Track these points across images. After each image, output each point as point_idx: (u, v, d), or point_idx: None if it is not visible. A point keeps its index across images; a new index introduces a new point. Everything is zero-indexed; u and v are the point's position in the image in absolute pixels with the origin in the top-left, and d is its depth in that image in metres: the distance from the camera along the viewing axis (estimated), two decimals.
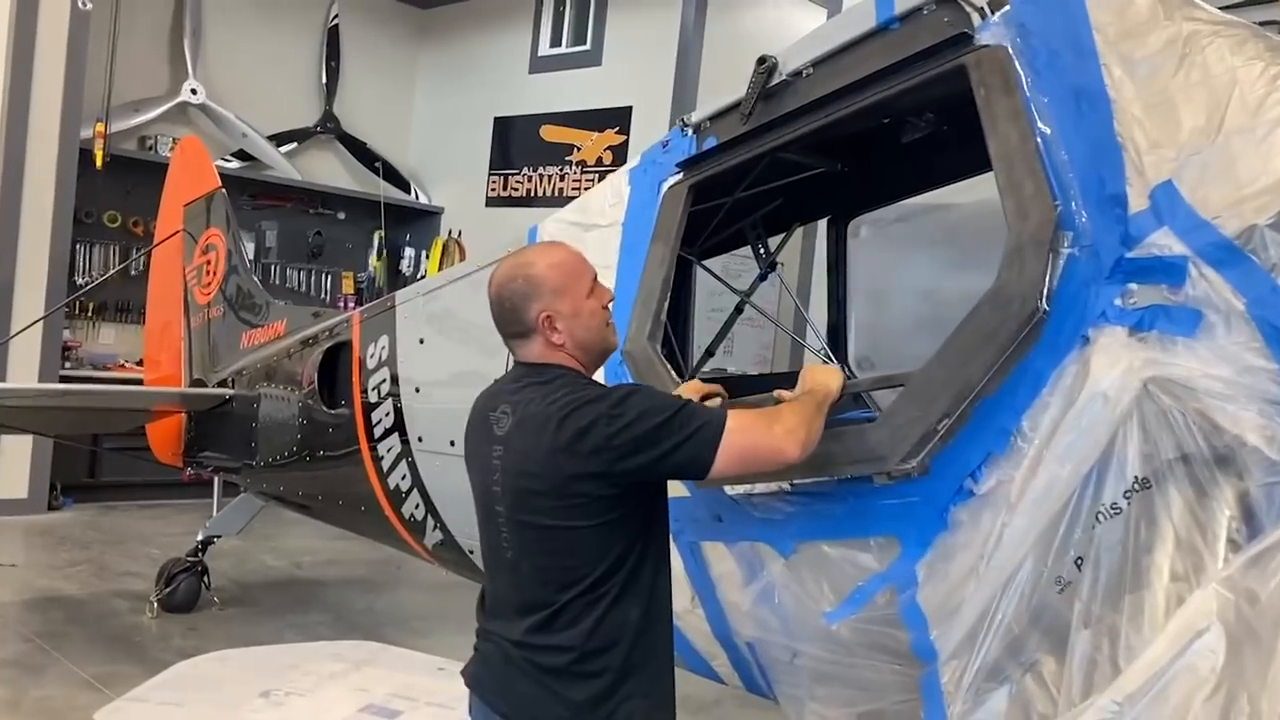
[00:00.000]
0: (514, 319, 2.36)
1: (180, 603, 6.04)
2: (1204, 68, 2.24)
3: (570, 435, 2.18)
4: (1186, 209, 2.14)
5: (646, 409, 2.18)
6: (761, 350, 8.17)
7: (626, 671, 2.25)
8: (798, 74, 2.93)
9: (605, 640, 2.23)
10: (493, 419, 2.37)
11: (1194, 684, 1.85)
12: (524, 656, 2.28)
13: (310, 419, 5.04)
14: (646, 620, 2.28)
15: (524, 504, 2.28)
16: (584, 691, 2.23)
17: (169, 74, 9.43)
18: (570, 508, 2.21)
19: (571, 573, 2.23)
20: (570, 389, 2.27)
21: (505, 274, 2.39)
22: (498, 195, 10.03)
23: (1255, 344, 2.03)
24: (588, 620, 2.22)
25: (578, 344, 2.35)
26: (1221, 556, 1.99)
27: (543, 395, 2.28)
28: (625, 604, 2.24)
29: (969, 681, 2.24)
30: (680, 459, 2.19)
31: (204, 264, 6.54)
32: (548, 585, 2.26)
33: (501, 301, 2.37)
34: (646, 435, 2.16)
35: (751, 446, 2.22)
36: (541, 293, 2.32)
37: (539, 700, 2.26)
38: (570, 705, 2.23)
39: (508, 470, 2.31)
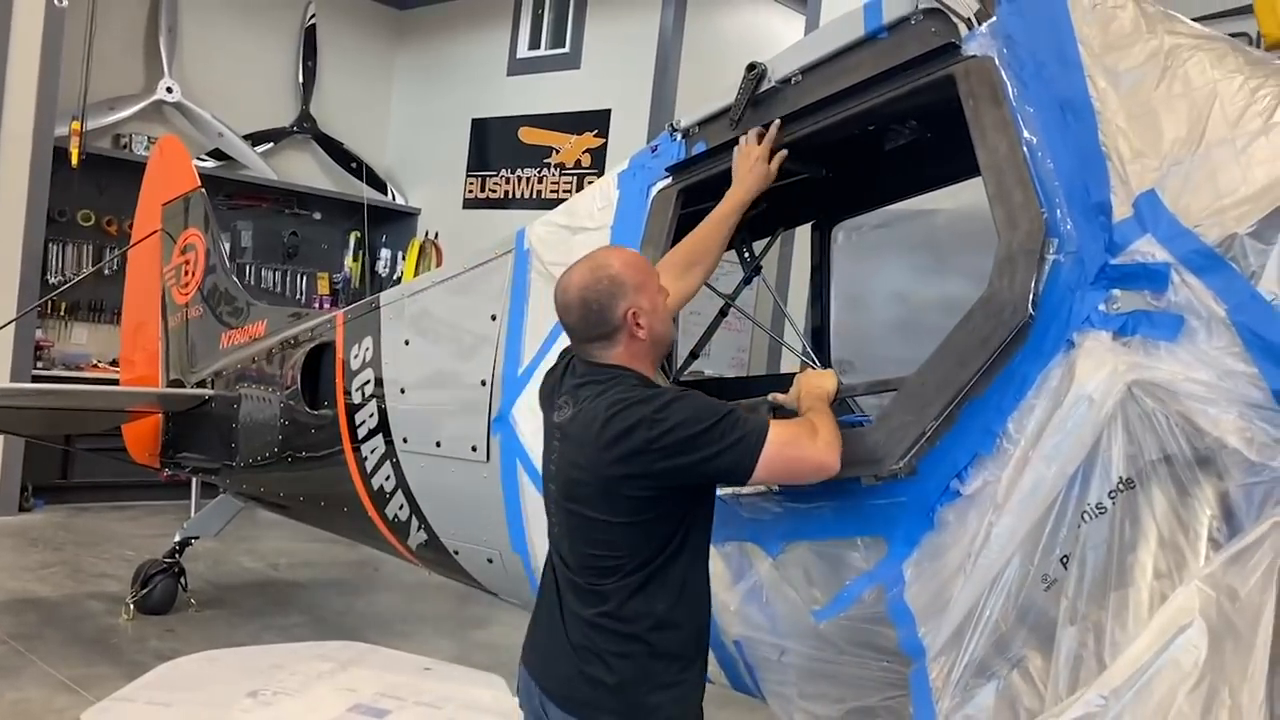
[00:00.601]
0: (601, 320, 2.39)
1: (156, 604, 6.00)
2: (1186, 80, 2.31)
3: (613, 436, 2.26)
4: (1169, 217, 2.21)
5: (690, 415, 2.24)
6: (738, 353, 8.23)
7: (652, 661, 2.32)
8: (787, 81, 2.98)
9: (632, 628, 2.31)
10: (557, 404, 2.48)
11: (1177, 678, 1.90)
12: (563, 633, 2.38)
13: (292, 420, 5.03)
14: (674, 614, 2.34)
15: (570, 493, 2.38)
16: (610, 675, 2.31)
17: (144, 72, 9.36)
18: (610, 504, 2.30)
19: (605, 561, 2.33)
20: (621, 389, 2.34)
21: (585, 278, 2.41)
22: (475, 197, 10.02)
23: (1235, 349, 2.10)
24: (616, 607, 2.31)
25: (655, 338, 2.43)
26: (1203, 554, 2.05)
27: (595, 393, 2.36)
28: (651, 595, 2.32)
29: (957, 678, 2.28)
30: (721, 465, 2.26)
31: (183, 264, 6.50)
32: (585, 570, 2.37)
33: (587, 304, 2.39)
34: (687, 441, 2.22)
35: (795, 458, 2.31)
36: (626, 290, 2.38)
37: (571, 679, 2.35)
38: (597, 685, 2.31)
39: (561, 458, 2.41)
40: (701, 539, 2.44)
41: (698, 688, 2.42)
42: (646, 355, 2.44)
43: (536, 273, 3.63)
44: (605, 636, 2.32)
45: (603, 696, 2.31)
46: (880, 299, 4.93)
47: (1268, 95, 2.26)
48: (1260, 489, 2.06)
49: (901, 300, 4.97)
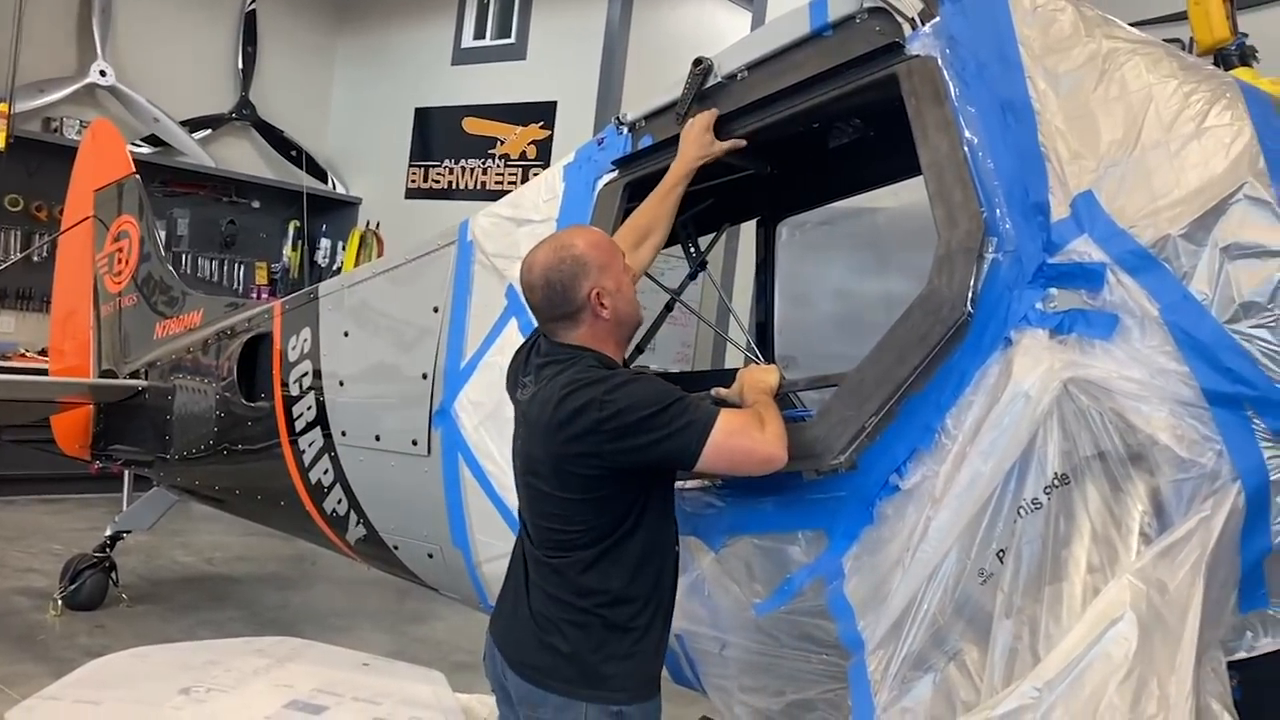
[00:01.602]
0: (564, 299, 2.40)
1: (86, 600, 5.86)
2: (1122, 83, 2.36)
3: (564, 415, 2.29)
4: (1105, 218, 2.25)
5: (639, 399, 2.27)
6: (683, 348, 8.24)
7: (607, 633, 2.35)
8: (733, 76, 2.98)
9: (586, 602, 2.35)
10: (521, 383, 2.53)
11: (1108, 670, 1.95)
12: (526, 603, 2.42)
13: (228, 412, 4.94)
14: (629, 590, 2.37)
15: (529, 468, 2.45)
16: (566, 644, 2.34)
17: (76, 54, 9.11)
18: (561, 481, 2.34)
19: (560, 535, 2.38)
20: (577, 370, 2.37)
21: (548, 258, 2.43)
22: (418, 187, 9.92)
23: (1168, 348, 2.15)
24: (572, 580, 2.35)
25: (620, 319, 2.46)
26: (1134, 549, 2.10)
27: (554, 372, 2.40)
28: (605, 572, 2.35)
29: (895, 670, 2.31)
30: (668, 449, 2.28)
31: (116, 251, 6.34)
32: (544, 544, 2.41)
33: (551, 284, 2.41)
34: (635, 423, 2.25)
35: (741, 448, 2.32)
36: (590, 270, 2.40)
37: (530, 647, 2.39)
38: (554, 654, 2.35)
39: (521, 434, 2.49)
40: (657, 518, 2.45)
41: (654, 659, 2.44)
42: (611, 335, 2.47)
43: (480, 265, 3.60)
44: (562, 608, 2.36)
45: (558, 664, 2.35)
46: (823, 295, 4.98)
47: (1200, 100, 2.31)
48: (1189, 485, 2.12)
49: (843, 297, 5.03)
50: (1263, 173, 2.17)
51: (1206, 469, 2.10)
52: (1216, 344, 2.12)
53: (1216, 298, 2.14)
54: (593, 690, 2.33)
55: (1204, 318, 2.13)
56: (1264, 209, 2.14)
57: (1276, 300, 2.10)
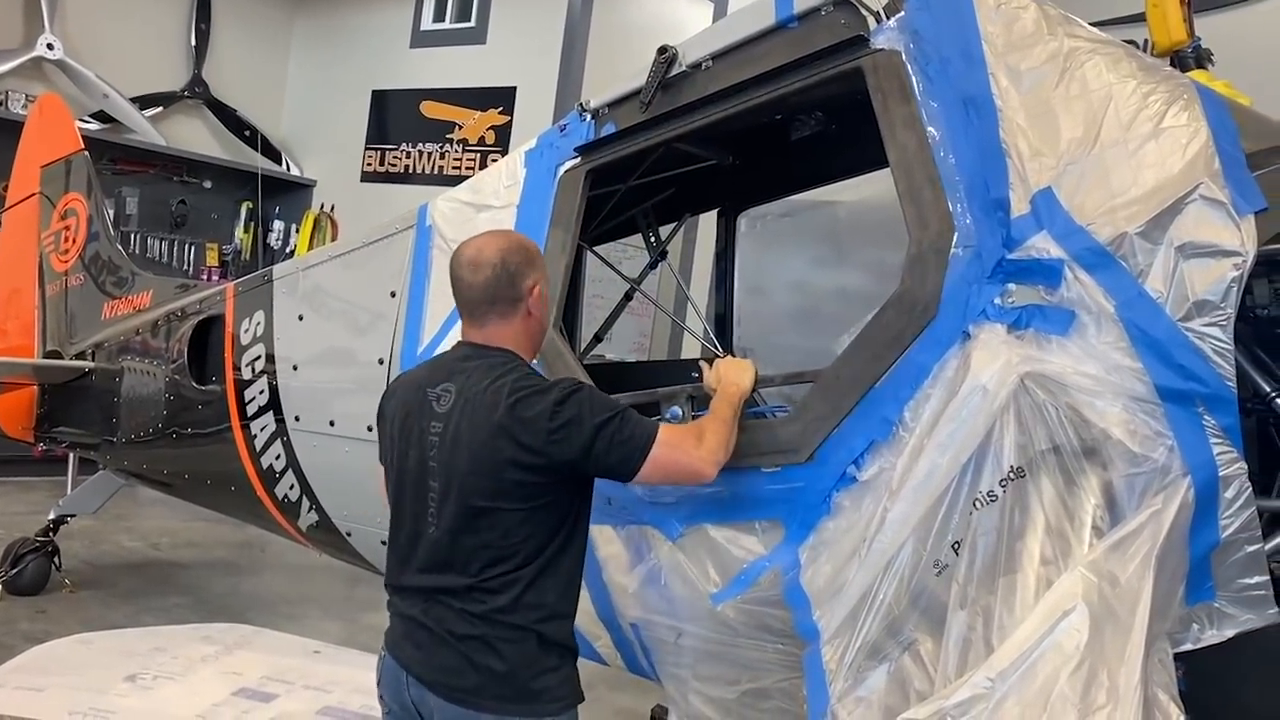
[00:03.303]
0: (511, 285, 2.38)
1: (28, 585, 5.76)
2: (1083, 82, 2.38)
3: (513, 422, 2.24)
4: (1064, 215, 2.28)
5: (588, 409, 2.27)
6: (640, 338, 8.24)
7: (541, 649, 2.31)
8: (697, 66, 2.97)
9: (524, 619, 2.29)
10: (432, 395, 2.40)
11: (1060, 661, 1.97)
12: (444, 626, 2.32)
13: (178, 395, 4.86)
14: (561, 604, 2.36)
15: (460, 482, 2.31)
16: (501, 663, 2.28)
17: (23, 26, 8.90)
18: (502, 491, 2.27)
19: (496, 551, 2.29)
20: (518, 375, 2.33)
21: (504, 242, 2.43)
22: (374, 170, 9.81)
23: (1122, 344, 2.18)
24: (509, 600, 2.28)
25: (541, 327, 2.47)
26: (1087, 542, 2.13)
27: (490, 378, 2.32)
28: (542, 588, 2.31)
29: (850, 660, 2.33)
30: (610, 461, 2.29)
31: (63, 229, 6.21)
32: (472, 561, 2.31)
33: (505, 265, 2.37)
34: (584, 434, 2.25)
35: (674, 463, 2.34)
36: (537, 265, 2.42)
37: (458, 669, 2.30)
38: (485, 673, 2.28)
39: (446, 447, 2.33)
40: (584, 530, 2.45)
41: (575, 666, 2.44)
42: (529, 341, 2.46)
43: (439, 250, 3.56)
44: (496, 628, 2.29)
45: (490, 683, 2.29)
46: (782, 288, 4.99)
47: (1158, 100, 2.34)
48: (1141, 479, 2.15)
49: (802, 290, 5.04)
50: (1218, 173, 2.21)
51: (1158, 464, 2.14)
52: (1170, 341, 2.15)
53: (1171, 295, 2.16)
54: (526, 705, 2.29)
55: (1158, 315, 2.16)
56: (1218, 209, 2.18)
57: (1229, 299, 2.13)
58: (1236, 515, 2.15)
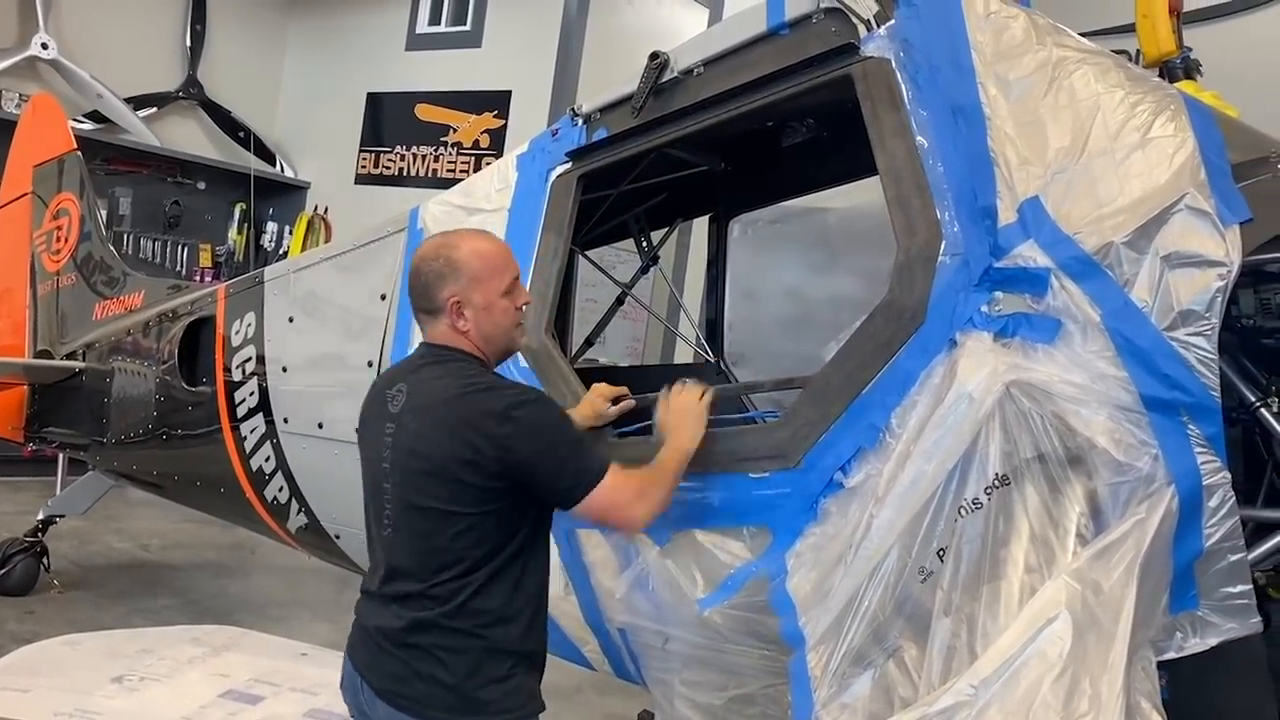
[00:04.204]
0: (424, 295, 2.37)
1: (16, 585, 5.74)
2: (1071, 92, 2.39)
3: (462, 423, 2.22)
4: (1051, 224, 2.29)
5: (542, 425, 2.25)
6: (632, 342, 8.25)
7: (486, 656, 2.27)
8: (689, 72, 2.98)
9: (468, 624, 2.25)
10: (389, 396, 2.39)
11: (1043, 668, 1.98)
12: (393, 632, 2.29)
13: (168, 396, 4.86)
14: (508, 609, 2.30)
15: (410, 483, 2.29)
16: (445, 672, 2.25)
17: (17, 25, 8.89)
18: (452, 493, 2.24)
19: (445, 555, 2.26)
20: (471, 376, 2.31)
21: (429, 250, 2.41)
22: (368, 173, 9.81)
23: (1108, 353, 2.19)
24: (453, 603, 2.25)
25: (483, 336, 2.38)
26: (1071, 550, 2.14)
27: (441, 379, 2.31)
28: (489, 593, 2.27)
29: (835, 666, 2.33)
30: (555, 484, 2.27)
31: (55, 229, 6.21)
32: (423, 566, 2.28)
33: (417, 274, 2.38)
34: (535, 449, 2.22)
35: (613, 507, 2.32)
36: (458, 277, 2.34)
37: (403, 676, 2.28)
38: (430, 682, 2.25)
39: (399, 448, 2.32)
40: (541, 542, 2.39)
41: (532, 675, 2.38)
42: (475, 347, 2.39)
43: None
44: (441, 634, 2.25)
45: (436, 693, 2.25)
46: (773, 293, 4.99)
47: (1145, 111, 2.36)
48: (1125, 488, 2.16)
49: (793, 295, 5.05)
50: (1204, 184, 2.22)
51: (1142, 473, 2.14)
52: (1155, 350, 2.16)
53: (1156, 305, 2.17)
54: (474, 716, 2.26)
55: (1144, 325, 2.17)
56: (1204, 220, 2.19)
57: (1213, 309, 2.14)
58: (1220, 524, 2.15)
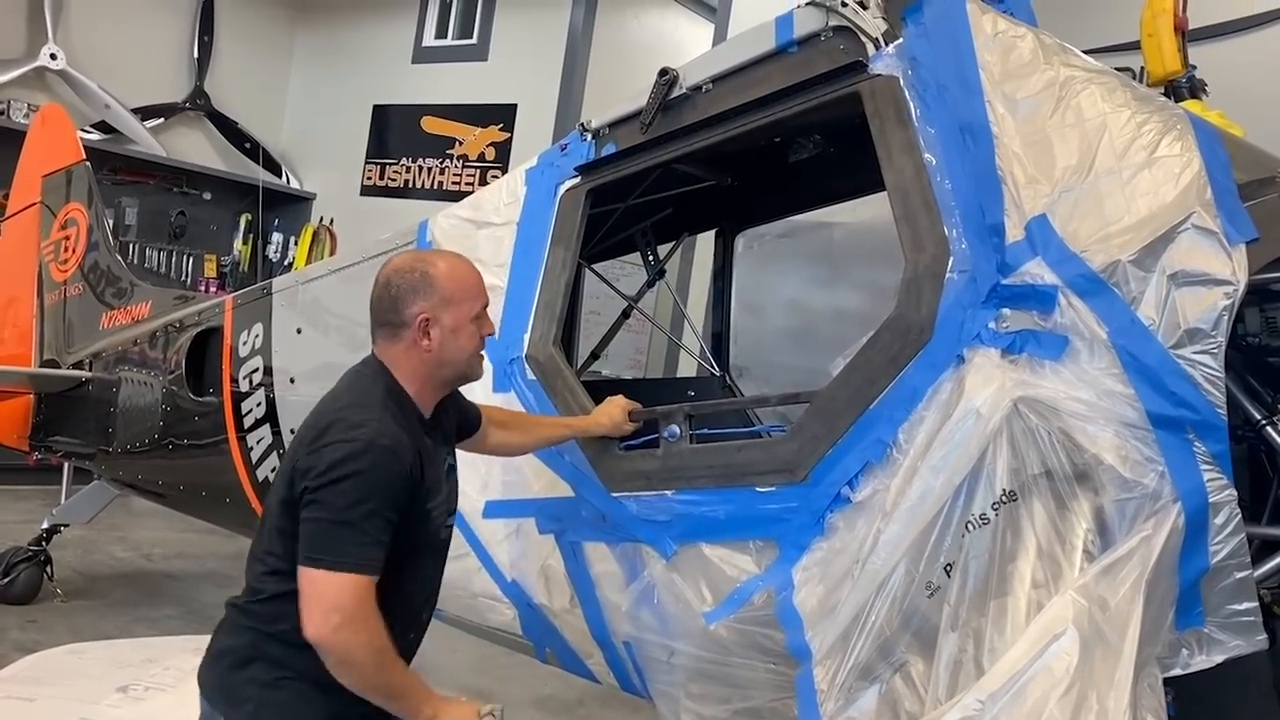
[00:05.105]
0: (392, 308, 2.31)
1: (19, 594, 5.72)
2: (1078, 111, 2.41)
3: (307, 437, 2.23)
4: (1058, 242, 2.30)
5: (344, 490, 2.13)
6: (636, 355, 8.26)
7: (283, 661, 2.25)
8: (697, 88, 3.00)
9: (278, 628, 2.23)
10: None
11: (1050, 684, 1.99)
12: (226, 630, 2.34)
13: (175, 406, 4.87)
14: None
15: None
16: (249, 672, 2.27)
17: (26, 36, 8.92)
18: (282, 497, 2.24)
19: (269, 561, 2.27)
20: (348, 398, 2.29)
21: (404, 263, 2.36)
22: (374, 184, 9.84)
23: (1115, 370, 2.20)
24: (272, 606, 2.25)
25: (442, 359, 2.33)
26: (1078, 566, 2.15)
27: (334, 397, 2.33)
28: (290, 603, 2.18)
29: (841, 681, 2.34)
30: (311, 537, 2.14)
31: (63, 239, 6.23)
32: (255, 567, 2.31)
33: (388, 286, 2.32)
34: (316, 498, 2.14)
35: (321, 606, 2.11)
36: (432, 295, 2.29)
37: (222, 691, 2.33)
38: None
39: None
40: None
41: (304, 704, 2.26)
42: (424, 370, 2.33)
43: None
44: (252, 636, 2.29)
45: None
46: (778, 307, 5.02)
47: (1152, 130, 2.37)
48: (1132, 504, 2.17)
49: (798, 309, 5.07)
50: (1210, 203, 2.23)
51: (1149, 489, 2.15)
52: (1162, 368, 2.17)
53: (1163, 323, 2.19)
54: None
55: (1150, 342, 2.18)
56: (1210, 238, 2.20)
57: (1220, 327, 2.15)
58: (1226, 541, 2.16)
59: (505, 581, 3.22)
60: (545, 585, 3.12)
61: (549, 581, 3.12)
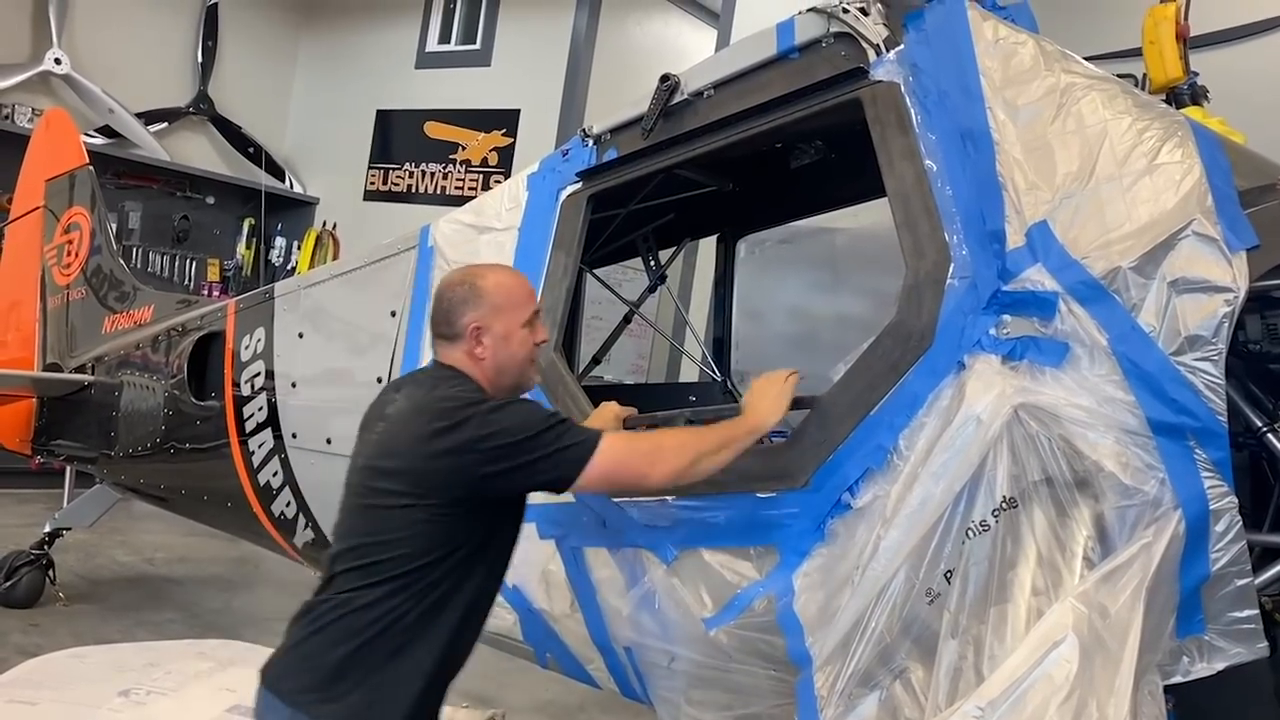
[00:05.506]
0: (446, 320, 2.44)
1: (21, 598, 5.72)
2: (1079, 117, 2.42)
3: (436, 430, 2.23)
4: (1059, 248, 2.30)
5: (519, 421, 2.24)
6: (638, 360, 8.27)
7: (372, 660, 2.29)
8: (699, 94, 3.01)
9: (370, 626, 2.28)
10: (387, 400, 2.47)
11: (1050, 691, 1.99)
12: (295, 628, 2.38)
13: (177, 410, 4.87)
14: (421, 626, 2.29)
15: (368, 480, 2.36)
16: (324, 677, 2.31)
17: (31, 40, 8.94)
18: (401, 502, 2.26)
19: (369, 554, 2.28)
20: (459, 388, 2.36)
21: (455, 277, 2.51)
22: (377, 189, 9.85)
23: (1115, 377, 2.20)
24: (362, 600, 2.28)
25: (497, 365, 2.43)
26: (1078, 573, 2.15)
27: (433, 388, 2.37)
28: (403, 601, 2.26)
29: (841, 687, 2.34)
30: (544, 471, 2.26)
31: (65, 243, 6.24)
32: (350, 565, 2.33)
33: (441, 299, 2.47)
34: (512, 445, 2.22)
35: (616, 471, 2.29)
36: (480, 305, 2.42)
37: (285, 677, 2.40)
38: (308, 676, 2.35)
39: (373, 444, 2.39)
40: (480, 566, 2.37)
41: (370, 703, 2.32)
42: (488, 379, 2.43)
43: (440, 271, 3.58)
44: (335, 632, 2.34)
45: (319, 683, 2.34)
46: (779, 312, 5.02)
47: (1152, 137, 2.38)
48: (1133, 511, 2.17)
49: (800, 315, 5.07)
50: (1211, 210, 2.24)
51: (1149, 496, 2.16)
52: (1162, 375, 2.17)
53: (1163, 330, 2.19)
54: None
55: (1151, 349, 2.18)
56: (1211, 245, 2.20)
57: (1220, 334, 2.15)
58: (1227, 549, 2.16)
59: (506, 587, 3.20)
60: (546, 590, 3.13)
61: (550, 587, 3.12)
